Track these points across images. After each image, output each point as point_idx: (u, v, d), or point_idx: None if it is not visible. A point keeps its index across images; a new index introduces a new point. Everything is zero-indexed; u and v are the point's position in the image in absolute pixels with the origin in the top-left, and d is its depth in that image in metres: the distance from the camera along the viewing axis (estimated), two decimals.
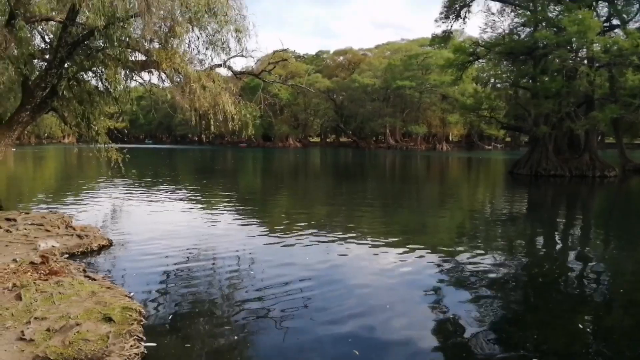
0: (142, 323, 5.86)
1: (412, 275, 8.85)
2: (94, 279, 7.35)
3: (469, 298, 7.59)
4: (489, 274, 9.02)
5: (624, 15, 33.02)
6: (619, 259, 10.94)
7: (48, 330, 5.27)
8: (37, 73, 10.22)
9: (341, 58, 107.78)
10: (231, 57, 11.62)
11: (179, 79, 10.49)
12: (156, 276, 8.30)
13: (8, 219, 11.36)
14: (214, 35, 10.10)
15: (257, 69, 20.80)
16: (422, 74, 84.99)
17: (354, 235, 12.24)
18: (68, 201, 17.59)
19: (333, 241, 11.47)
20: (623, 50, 27.50)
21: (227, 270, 8.82)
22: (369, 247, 11.04)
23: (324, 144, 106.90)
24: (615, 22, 33.61)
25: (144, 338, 5.52)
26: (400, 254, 10.36)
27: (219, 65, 11.57)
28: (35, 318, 5.54)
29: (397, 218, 16.07)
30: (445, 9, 35.18)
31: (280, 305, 6.96)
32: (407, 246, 11.04)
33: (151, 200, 18.35)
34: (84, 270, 7.93)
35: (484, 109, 36.41)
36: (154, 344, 5.49)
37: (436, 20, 36.28)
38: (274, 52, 16.77)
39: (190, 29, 9.69)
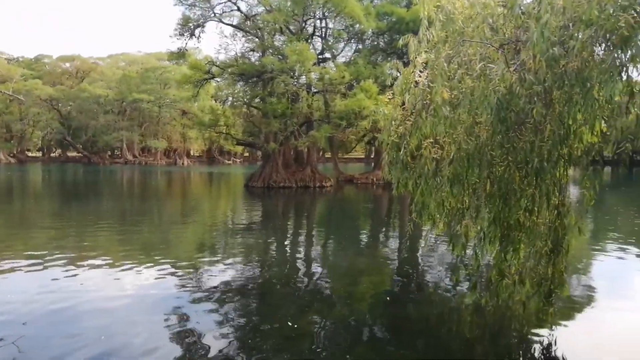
0: None
1: (154, 295, 8.54)
2: None
3: (212, 309, 7.73)
4: (230, 283, 9.36)
5: (334, 51, 39.19)
6: (336, 257, 12.76)
7: None
8: None
9: (67, 65, 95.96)
10: None
11: None
12: None
13: None
14: None
15: None
16: (160, 88, 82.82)
17: (85, 257, 11.07)
18: None
19: (62, 268, 10.12)
20: (332, 80, 32.52)
21: None
22: (103, 268, 10.17)
23: (48, 160, 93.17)
24: (327, 55, 39.55)
25: None
26: (139, 272, 9.88)
27: None
28: None
29: (137, 236, 15.19)
30: (180, 26, 35.20)
31: None
32: (148, 264, 10.58)
33: None
34: None
35: (221, 126, 37.71)
36: None
37: (171, 36, 36.00)
38: None
39: None
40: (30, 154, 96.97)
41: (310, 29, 38.15)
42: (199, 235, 16.16)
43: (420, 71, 6.22)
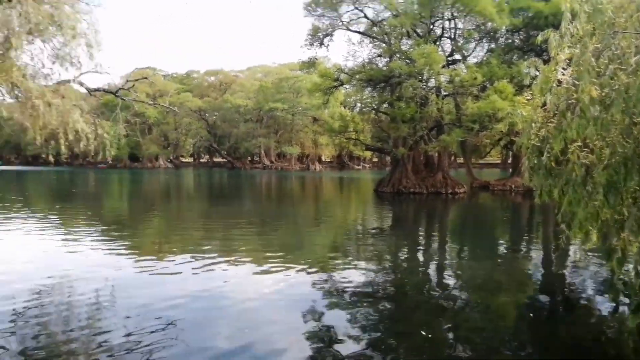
0: None
1: (291, 294, 8.97)
2: None
3: (345, 312, 7.92)
4: (362, 287, 9.49)
5: (464, 51, 37.58)
6: (471, 268, 12.09)
7: None
8: None
9: (212, 78, 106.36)
10: (83, 73, 10.77)
11: (19, 95, 9.41)
12: None
13: None
14: (60, 49, 9.27)
15: (121, 86, 19.60)
16: (293, 97, 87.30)
17: (231, 256, 12.11)
18: None
19: (209, 263, 11.19)
20: (463, 81, 31.20)
21: (87, 303, 8.05)
22: (246, 267, 11.02)
23: (198, 164, 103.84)
24: (457, 56, 38.05)
25: None
26: (278, 272, 10.47)
27: (69, 81, 10.65)
28: None
29: (274, 237, 16.18)
30: (310, 37, 36.75)
31: (147, 337, 6.55)
32: (285, 264, 11.20)
33: None
34: None
35: (350, 132, 38.45)
36: None
37: (302, 47, 37.71)
38: (135, 69, 15.91)
39: (32, 41, 8.80)
40: (183, 159, 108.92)
41: (438, 31, 37.10)
42: (332, 238, 16.65)
43: (564, 68, 5.70)
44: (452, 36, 37.45)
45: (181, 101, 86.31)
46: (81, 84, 11.13)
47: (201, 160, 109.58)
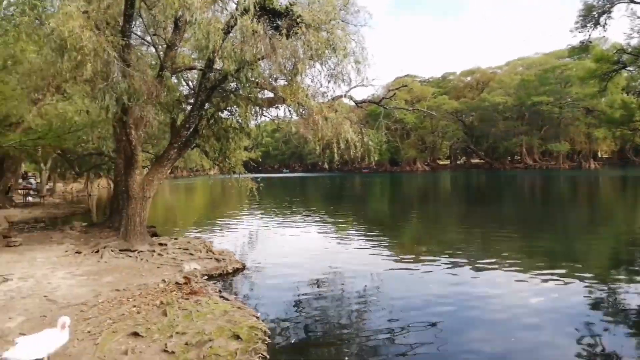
0: (266, 342, 6.25)
1: (561, 308, 8.12)
2: (227, 299, 8.05)
3: (629, 335, 6.83)
4: None
5: None
6: None
7: (186, 344, 5.90)
8: (183, 115, 11.73)
9: (469, 78, 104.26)
10: (352, 88, 12.03)
11: (303, 112, 11.13)
12: (284, 298, 8.79)
13: (161, 244, 12.94)
14: (334, 69, 10.57)
15: (383, 95, 21.18)
16: (560, 88, 78.51)
17: (491, 261, 11.72)
18: (210, 227, 19.43)
19: (467, 268, 11.12)
20: None
21: (356, 296, 8.98)
22: (508, 274, 10.48)
23: (454, 167, 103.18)
24: None
25: (268, 357, 5.89)
26: (544, 282, 9.69)
27: (341, 97, 12.03)
28: (177, 333, 6.25)
29: (540, 243, 14.87)
30: (582, 18, 32.26)
31: (409, 334, 6.90)
32: (552, 274, 10.28)
33: (283, 227, 19.41)
34: (220, 291, 8.73)
35: (636, 122, 32.27)
36: None
37: (571, 31, 33.39)
38: (396, 78, 16.87)
39: (312, 65, 10.31)
40: (440, 162, 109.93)
41: None
42: (612, 247, 14.29)
43: None
44: None
45: (437, 104, 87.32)
46: (350, 98, 12.51)
47: (458, 162, 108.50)
